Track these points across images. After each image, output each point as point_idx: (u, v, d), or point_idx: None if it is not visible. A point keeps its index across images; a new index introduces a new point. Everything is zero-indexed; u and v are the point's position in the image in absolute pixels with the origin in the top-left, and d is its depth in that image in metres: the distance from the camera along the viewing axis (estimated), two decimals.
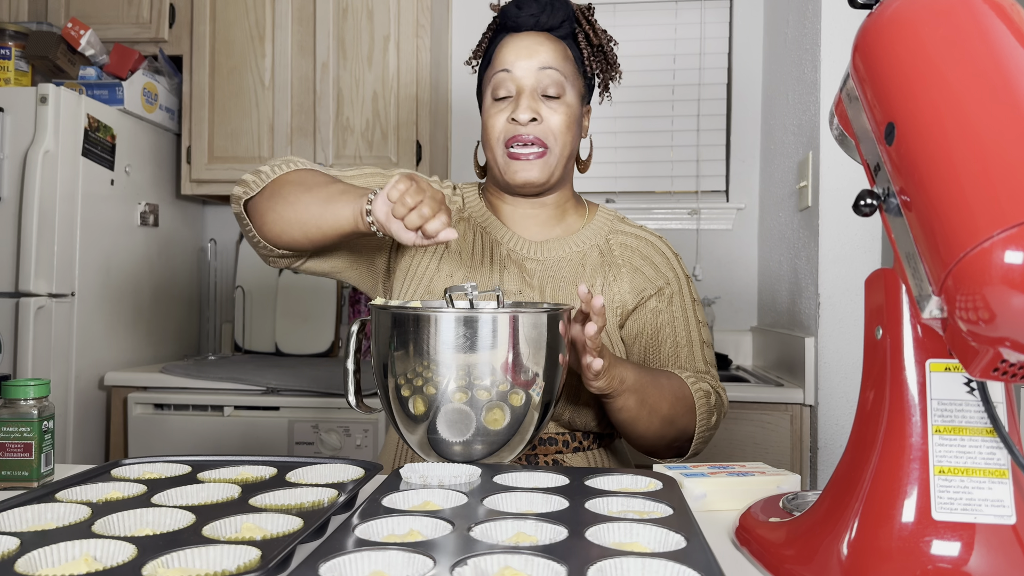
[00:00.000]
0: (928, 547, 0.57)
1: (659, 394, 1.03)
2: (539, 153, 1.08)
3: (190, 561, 0.56)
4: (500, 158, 1.10)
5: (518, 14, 1.10)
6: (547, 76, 1.08)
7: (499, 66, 1.10)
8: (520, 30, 1.11)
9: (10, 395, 0.87)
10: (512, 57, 1.09)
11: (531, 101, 1.07)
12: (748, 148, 2.54)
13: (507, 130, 1.08)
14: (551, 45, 1.10)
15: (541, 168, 1.09)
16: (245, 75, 2.34)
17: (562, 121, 1.08)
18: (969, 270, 0.48)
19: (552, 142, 1.08)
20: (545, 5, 1.10)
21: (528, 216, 1.16)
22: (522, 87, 1.08)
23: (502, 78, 1.09)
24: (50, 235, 1.95)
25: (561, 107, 1.09)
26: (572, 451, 1.10)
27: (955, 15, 0.56)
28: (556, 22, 1.11)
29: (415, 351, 0.81)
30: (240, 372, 2.11)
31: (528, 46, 1.09)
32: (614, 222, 1.20)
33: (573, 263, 1.14)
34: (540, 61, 1.08)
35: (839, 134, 0.71)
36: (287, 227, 1.03)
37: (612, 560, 0.54)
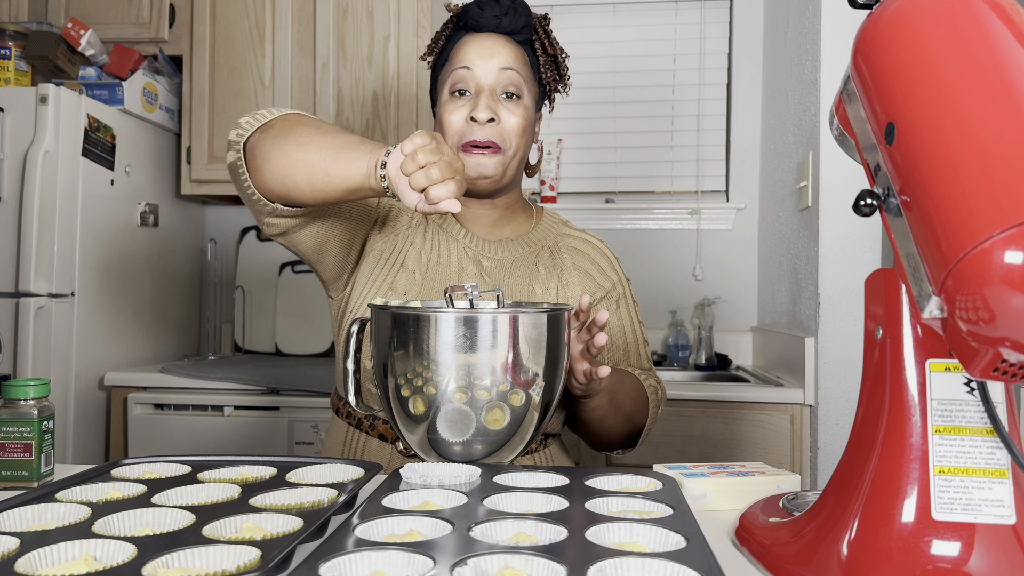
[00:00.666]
0: (928, 547, 0.57)
1: (623, 392, 1.08)
2: (493, 149, 1.09)
3: (190, 561, 0.56)
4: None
5: (480, 14, 1.11)
6: (507, 76, 1.09)
7: (459, 63, 1.10)
8: (481, 30, 1.12)
9: (10, 395, 0.87)
10: (473, 55, 1.09)
11: (490, 101, 1.08)
12: (748, 148, 2.54)
13: (464, 131, 1.09)
14: (511, 48, 1.11)
15: (495, 164, 1.09)
16: (245, 75, 2.35)
17: (518, 123, 1.10)
18: (969, 270, 0.48)
19: (507, 145, 1.10)
20: (508, 8, 1.11)
21: (479, 216, 1.18)
22: (481, 86, 1.09)
23: (462, 75, 1.09)
24: (50, 235, 1.94)
25: (519, 108, 1.10)
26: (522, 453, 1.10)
27: (955, 15, 0.56)
28: (517, 26, 1.12)
29: (415, 351, 0.81)
30: (240, 372, 2.11)
31: (489, 46, 1.10)
32: (559, 226, 1.24)
33: (527, 263, 1.16)
34: (501, 61, 1.09)
35: (839, 134, 0.71)
36: (291, 169, 0.94)
37: (612, 560, 0.54)
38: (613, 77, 2.61)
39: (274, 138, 0.97)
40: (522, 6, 1.13)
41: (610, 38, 2.61)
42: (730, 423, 1.87)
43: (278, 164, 0.95)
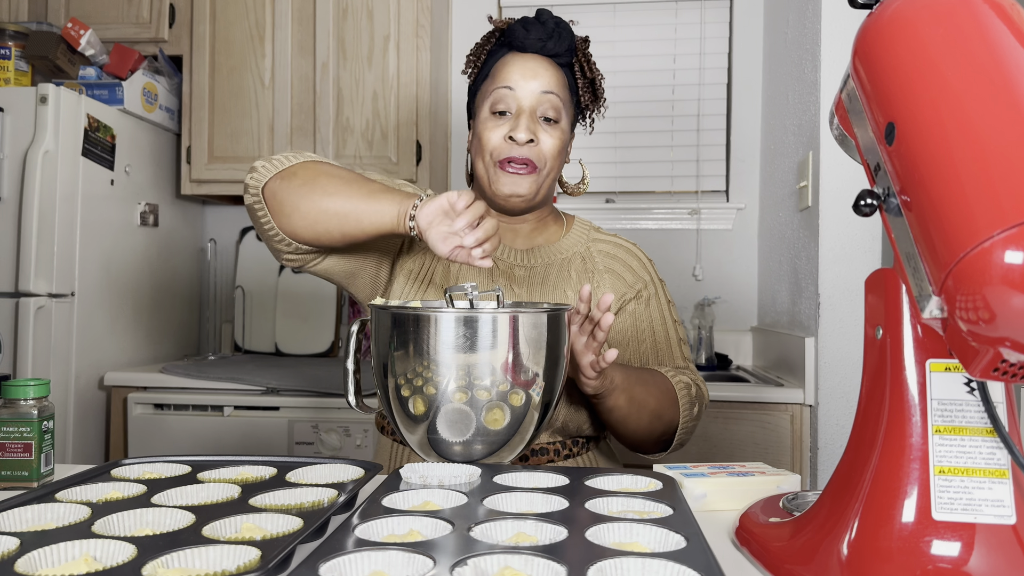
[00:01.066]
0: (928, 547, 0.57)
1: (645, 390, 1.07)
2: (529, 169, 1.11)
3: (190, 561, 0.56)
4: (490, 170, 1.12)
5: (526, 35, 1.12)
6: (547, 100, 1.11)
7: (502, 82, 1.11)
8: (525, 51, 1.13)
9: (10, 395, 0.87)
10: (517, 76, 1.11)
11: (530, 122, 1.10)
12: (748, 148, 2.54)
13: (502, 148, 1.10)
14: (553, 71, 1.13)
15: (529, 184, 1.11)
16: (245, 75, 2.34)
17: (556, 145, 1.12)
18: (969, 270, 0.48)
19: (543, 164, 1.11)
20: (552, 32, 1.12)
21: (510, 230, 1.19)
22: (522, 107, 1.11)
23: (504, 94, 1.11)
24: (50, 235, 1.94)
25: (556, 131, 1.12)
26: (563, 459, 1.12)
27: (955, 15, 0.56)
28: (561, 50, 1.13)
29: (415, 351, 0.81)
30: (240, 372, 2.11)
31: (533, 68, 1.11)
32: (591, 232, 1.25)
33: (560, 269, 1.17)
34: (543, 85, 1.11)
35: (839, 134, 0.71)
36: (323, 217, 0.99)
37: (612, 560, 0.54)
38: (613, 77, 2.61)
39: (300, 187, 1.01)
40: (566, 30, 1.14)
41: (610, 38, 2.61)
42: (730, 423, 1.87)
43: (308, 213, 1.00)
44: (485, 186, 1.14)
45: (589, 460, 1.15)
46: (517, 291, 1.14)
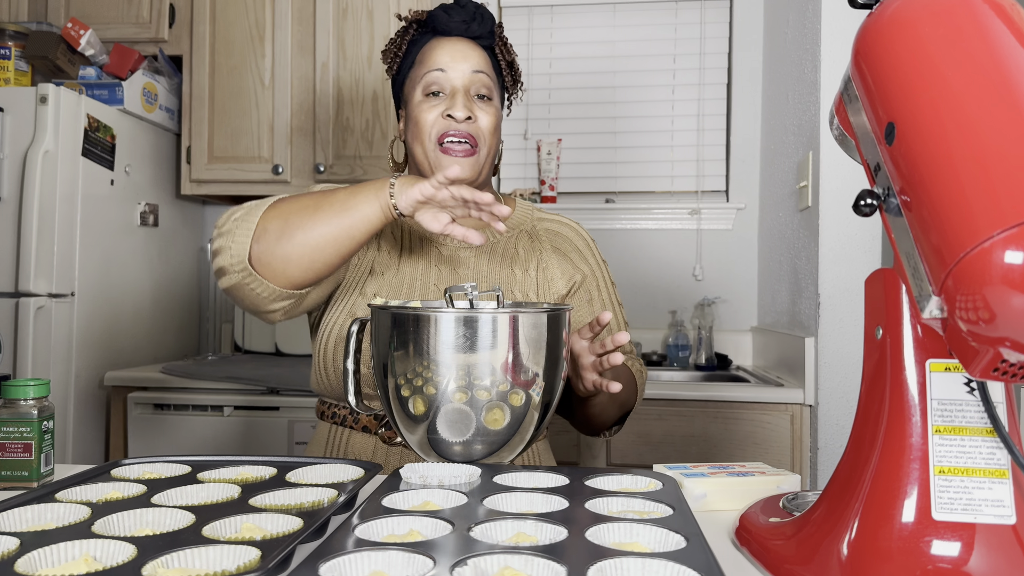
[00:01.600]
0: (928, 547, 0.57)
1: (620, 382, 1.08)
2: (469, 151, 1.12)
3: (190, 561, 0.56)
4: (431, 152, 1.12)
5: (448, 19, 1.15)
6: (479, 79, 1.14)
7: (432, 65, 1.13)
8: (450, 34, 1.16)
9: (10, 395, 0.87)
10: (446, 58, 1.13)
11: (466, 100, 1.12)
12: (748, 148, 2.54)
13: (440, 125, 1.11)
14: (479, 52, 1.16)
15: (472, 166, 1.12)
16: (245, 75, 2.34)
17: (491, 122, 1.14)
18: (969, 270, 0.48)
19: (482, 142, 1.13)
20: (474, 14, 1.15)
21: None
22: (456, 87, 1.13)
23: (436, 76, 1.13)
24: (50, 235, 1.94)
25: (491, 108, 1.14)
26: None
27: (955, 15, 0.56)
28: (484, 32, 1.16)
29: (415, 351, 0.81)
30: (240, 372, 2.11)
31: (461, 50, 1.14)
32: (534, 211, 1.26)
33: (505, 246, 1.18)
34: (472, 64, 1.13)
35: (839, 134, 0.71)
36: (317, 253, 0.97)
37: (612, 560, 0.54)
38: (613, 77, 2.61)
39: (279, 239, 0.97)
40: (487, 13, 1.17)
41: (610, 38, 2.61)
42: (730, 423, 1.87)
43: (302, 256, 0.97)
44: (426, 171, 1.14)
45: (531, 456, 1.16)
46: (462, 273, 1.14)
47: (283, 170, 2.32)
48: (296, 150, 2.33)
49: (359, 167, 2.29)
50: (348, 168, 2.30)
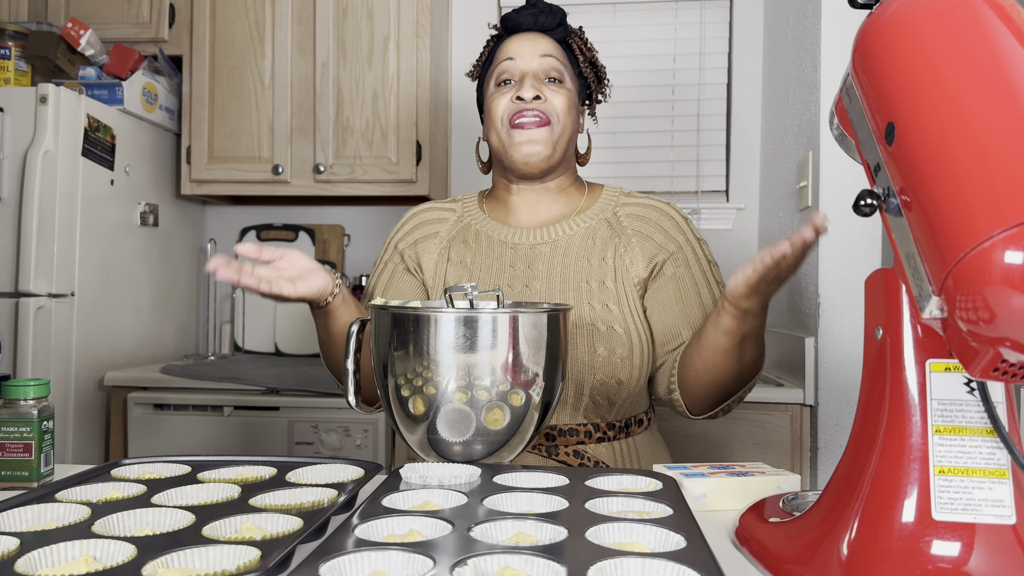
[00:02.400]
0: (928, 547, 0.57)
1: (753, 343, 1.00)
2: (540, 123, 1.12)
3: (190, 561, 0.56)
4: (504, 134, 1.14)
5: (517, 16, 1.18)
6: (548, 62, 1.15)
7: (502, 58, 1.16)
8: (520, 30, 1.18)
9: (10, 395, 0.87)
10: (515, 48, 1.16)
11: (535, 82, 1.14)
12: (748, 148, 2.54)
13: (510, 108, 1.13)
14: (549, 41, 1.17)
15: (544, 137, 1.12)
16: (245, 75, 2.34)
17: (563, 102, 1.14)
18: (969, 270, 0.48)
19: (555, 119, 1.13)
20: (543, 8, 1.18)
21: (534, 202, 1.19)
22: (525, 72, 1.15)
23: (506, 66, 1.15)
24: (50, 235, 1.94)
25: (562, 90, 1.15)
26: (596, 442, 1.10)
27: (955, 15, 0.56)
28: (553, 24, 1.18)
29: (415, 351, 0.81)
30: (240, 372, 2.11)
31: (529, 39, 1.16)
32: (620, 196, 1.22)
33: (583, 239, 1.16)
34: (541, 50, 1.15)
35: (839, 134, 0.71)
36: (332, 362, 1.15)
37: (612, 560, 0.54)
38: (613, 77, 2.60)
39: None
40: (557, 8, 1.19)
41: (610, 38, 2.61)
42: (730, 423, 1.87)
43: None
44: (503, 155, 1.15)
45: (624, 448, 1.11)
46: (538, 270, 1.14)
47: (283, 170, 2.32)
48: (296, 150, 2.33)
49: (359, 167, 2.29)
50: (348, 168, 2.30)
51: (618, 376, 1.08)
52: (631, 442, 1.13)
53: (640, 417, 1.16)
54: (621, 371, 1.08)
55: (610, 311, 1.10)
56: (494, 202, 1.23)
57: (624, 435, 1.12)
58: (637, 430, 1.15)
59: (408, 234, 1.23)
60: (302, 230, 2.62)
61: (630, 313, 1.11)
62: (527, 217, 1.19)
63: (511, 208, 1.20)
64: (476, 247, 1.18)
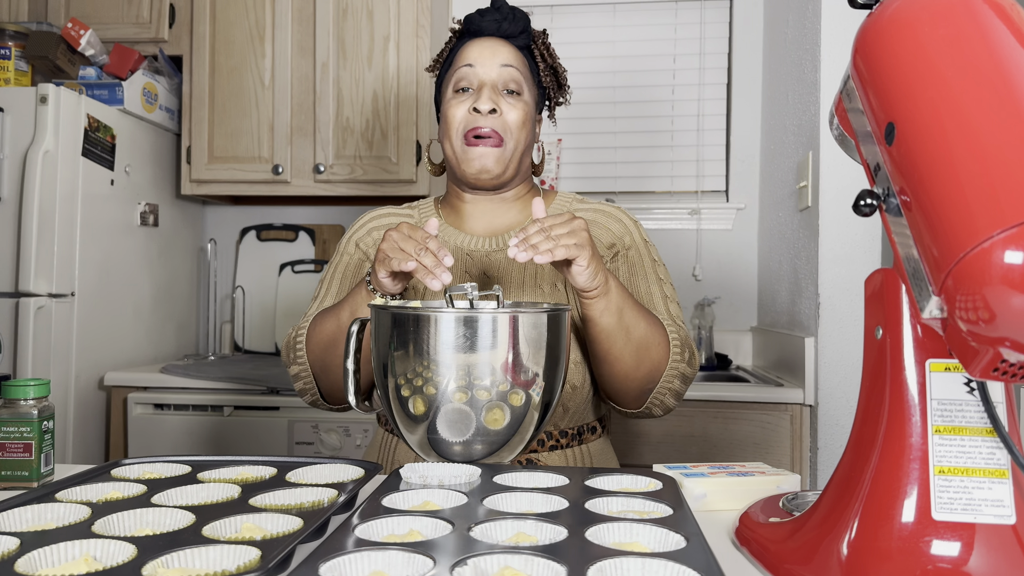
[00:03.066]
0: (928, 547, 0.57)
1: (636, 314, 1.02)
2: (495, 141, 1.12)
3: (190, 561, 0.56)
4: (458, 147, 1.13)
5: (481, 20, 1.17)
6: (507, 73, 1.14)
7: (462, 63, 1.15)
8: (482, 35, 1.17)
9: (10, 395, 0.87)
10: (475, 55, 1.15)
11: (492, 94, 1.13)
12: (748, 148, 2.54)
13: (467, 120, 1.12)
14: (511, 50, 1.16)
15: (496, 158, 1.13)
16: (245, 75, 2.34)
17: (519, 117, 1.13)
18: (969, 270, 0.48)
19: (508, 136, 1.13)
20: (507, 14, 1.17)
21: (488, 211, 1.20)
22: (483, 81, 1.14)
23: (464, 72, 1.14)
24: (50, 235, 1.94)
25: (519, 103, 1.14)
26: (549, 449, 1.10)
27: (955, 15, 0.56)
28: (516, 31, 1.17)
29: (415, 351, 0.81)
30: (240, 372, 2.11)
31: (490, 46, 1.15)
32: (573, 203, 1.24)
33: None
34: (501, 59, 1.14)
35: (839, 134, 0.71)
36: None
37: (612, 560, 0.54)
38: (613, 77, 2.61)
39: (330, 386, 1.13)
40: (521, 14, 1.18)
41: (610, 38, 2.61)
42: (730, 423, 1.87)
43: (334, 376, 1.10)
44: (455, 166, 1.15)
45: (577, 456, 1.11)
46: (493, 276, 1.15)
47: (283, 170, 2.32)
48: (296, 150, 2.33)
49: (359, 167, 2.30)
50: (348, 168, 2.30)
51: (572, 381, 1.08)
52: (584, 449, 1.13)
53: (593, 424, 1.15)
54: (575, 376, 1.08)
55: None
56: (449, 209, 1.23)
57: (577, 442, 1.12)
58: (590, 437, 1.15)
59: (368, 234, 1.23)
60: (302, 230, 2.62)
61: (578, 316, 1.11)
62: (482, 225, 1.20)
63: (465, 216, 1.20)
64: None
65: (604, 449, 1.18)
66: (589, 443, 1.14)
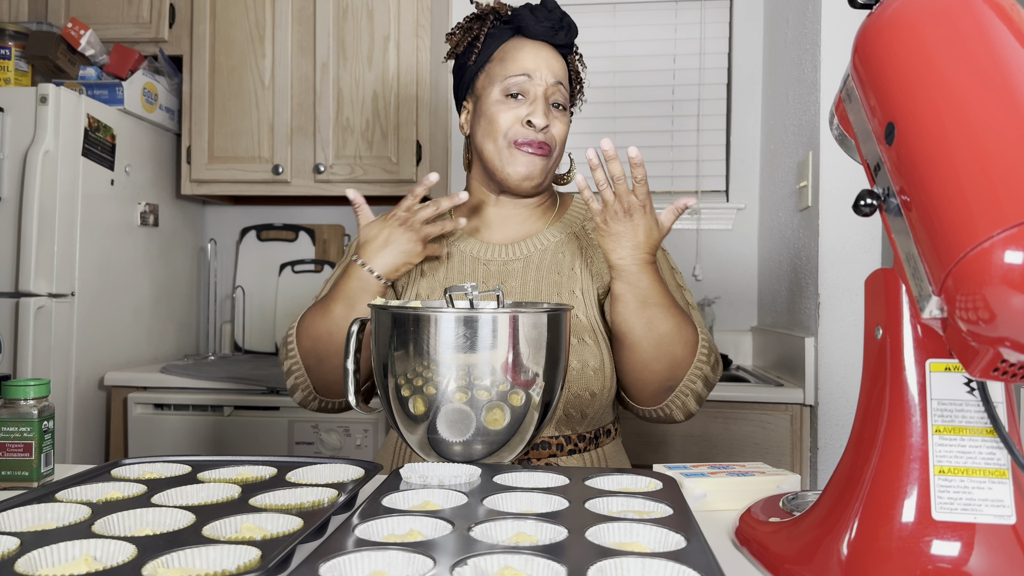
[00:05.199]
0: (928, 547, 0.57)
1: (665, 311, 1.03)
2: (544, 151, 1.13)
3: (190, 561, 0.56)
4: (504, 151, 1.13)
5: (535, 22, 1.14)
6: (559, 90, 1.15)
7: (518, 70, 1.13)
8: (535, 38, 1.15)
9: (10, 395, 0.87)
10: (532, 64, 1.13)
11: (546, 108, 1.13)
12: (748, 148, 2.54)
13: (519, 131, 1.12)
14: (560, 61, 1.17)
15: (542, 168, 1.14)
16: (245, 75, 2.34)
17: (564, 131, 1.16)
18: (969, 270, 0.48)
19: (555, 147, 1.15)
20: (563, 23, 1.16)
21: (511, 216, 1.20)
22: (539, 94, 1.13)
23: (520, 82, 1.13)
24: (50, 235, 1.94)
25: (564, 117, 1.16)
26: (567, 454, 1.10)
27: (955, 15, 0.56)
28: (568, 42, 1.17)
29: (415, 351, 0.81)
30: (240, 372, 2.11)
31: (545, 57, 1.14)
32: (586, 209, 1.24)
33: (554, 252, 1.18)
34: (556, 75, 1.14)
35: (839, 134, 0.71)
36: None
37: (612, 560, 0.54)
38: (613, 77, 2.61)
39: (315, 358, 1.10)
40: (572, 22, 1.18)
41: (610, 38, 2.61)
42: (730, 423, 1.87)
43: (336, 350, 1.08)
44: (496, 168, 1.14)
45: (594, 459, 1.13)
46: (510, 285, 1.15)
47: (283, 170, 2.32)
48: (296, 150, 2.33)
49: (359, 167, 2.30)
50: (348, 168, 2.30)
51: (591, 388, 1.09)
52: (600, 452, 1.14)
53: (608, 428, 1.16)
54: (594, 383, 1.08)
55: (580, 321, 1.12)
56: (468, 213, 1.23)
57: (594, 446, 1.13)
58: (606, 440, 1.16)
59: None
60: (302, 230, 2.62)
61: (597, 322, 1.13)
62: (500, 233, 1.20)
63: (485, 221, 1.21)
64: (449, 263, 1.18)
65: (617, 451, 1.19)
66: (604, 446, 1.15)
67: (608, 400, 1.11)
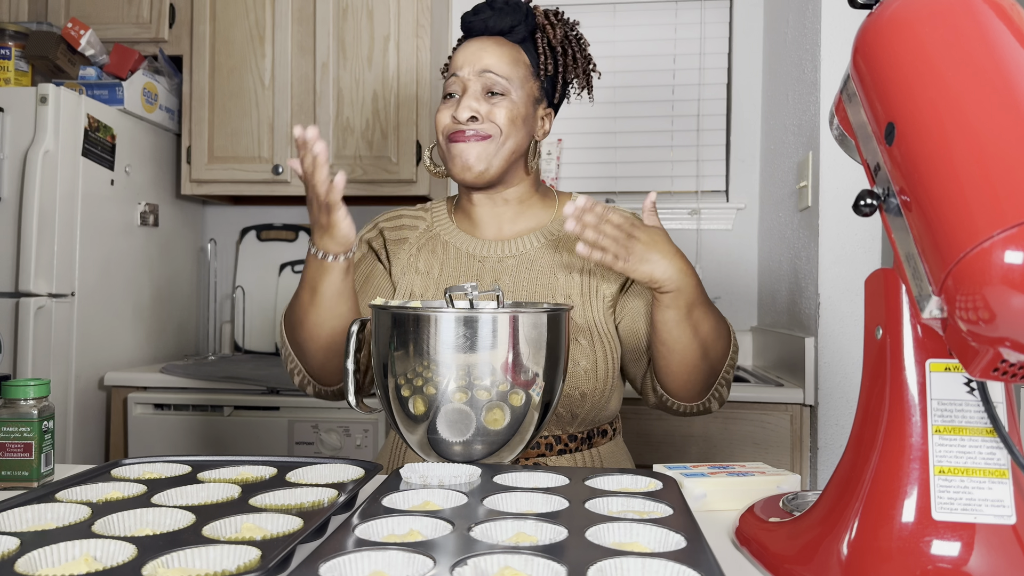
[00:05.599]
0: (928, 547, 0.57)
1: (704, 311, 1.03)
2: (479, 136, 1.10)
3: (190, 561, 0.56)
4: (444, 149, 1.14)
5: (472, 19, 1.15)
6: (487, 79, 1.11)
7: (451, 71, 1.15)
8: (472, 34, 1.16)
9: (10, 395, 0.87)
10: (461, 60, 1.13)
11: (471, 100, 1.10)
12: (748, 148, 2.54)
13: (449, 126, 1.12)
14: (498, 49, 1.13)
15: (479, 154, 1.10)
16: (245, 75, 2.34)
17: (504, 114, 1.11)
18: (969, 270, 0.48)
19: (496, 132, 1.10)
20: (497, 10, 1.14)
21: (496, 214, 1.18)
22: (466, 88, 1.12)
23: (451, 82, 1.14)
24: (50, 235, 1.94)
25: (505, 102, 1.11)
26: (557, 454, 1.10)
27: (955, 15, 0.56)
28: (505, 27, 1.14)
29: (415, 351, 0.81)
30: (240, 372, 2.11)
31: (474, 51, 1.13)
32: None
33: (552, 252, 1.16)
34: (483, 65, 1.11)
35: (839, 134, 0.71)
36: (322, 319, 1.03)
37: (612, 560, 0.54)
38: (613, 77, 2.61)
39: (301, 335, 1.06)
40: (513, 6, 1.15)
41: (610, 38, 2.61)
42: (730, 423, 1.87)
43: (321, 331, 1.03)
44: (447, 168, 1.15)
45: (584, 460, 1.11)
46: (504, 282, 1.14)
47: (283, 170, 2.32)
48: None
49: (359, 167, 2.30)
50: (348, 168, 2.30)
51: (581, 388, 1.08)
52: (594, 452, 1.13)
53: (604, 428, 1.15)
54: (584, 383, 1.08)
55: (574, 323, 1.11)
56: (460, 212, 1.22)
57: (586, 446, 1.12)
58: (600, 441, 1.14)
59: (379, 234, 1.23)
60: (302, 230, 2.62)
61: (595, 324, 1.11)
62: (493, 230, 1.18)
63: (476, 220, 1.19)
64: (444, 258, 1.17)
65: (615, 451, 1.17)
66: (599, 446, 1.14)
67: (601, 401, 1.10)
